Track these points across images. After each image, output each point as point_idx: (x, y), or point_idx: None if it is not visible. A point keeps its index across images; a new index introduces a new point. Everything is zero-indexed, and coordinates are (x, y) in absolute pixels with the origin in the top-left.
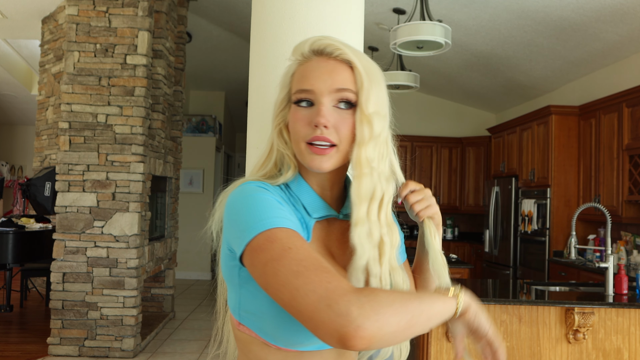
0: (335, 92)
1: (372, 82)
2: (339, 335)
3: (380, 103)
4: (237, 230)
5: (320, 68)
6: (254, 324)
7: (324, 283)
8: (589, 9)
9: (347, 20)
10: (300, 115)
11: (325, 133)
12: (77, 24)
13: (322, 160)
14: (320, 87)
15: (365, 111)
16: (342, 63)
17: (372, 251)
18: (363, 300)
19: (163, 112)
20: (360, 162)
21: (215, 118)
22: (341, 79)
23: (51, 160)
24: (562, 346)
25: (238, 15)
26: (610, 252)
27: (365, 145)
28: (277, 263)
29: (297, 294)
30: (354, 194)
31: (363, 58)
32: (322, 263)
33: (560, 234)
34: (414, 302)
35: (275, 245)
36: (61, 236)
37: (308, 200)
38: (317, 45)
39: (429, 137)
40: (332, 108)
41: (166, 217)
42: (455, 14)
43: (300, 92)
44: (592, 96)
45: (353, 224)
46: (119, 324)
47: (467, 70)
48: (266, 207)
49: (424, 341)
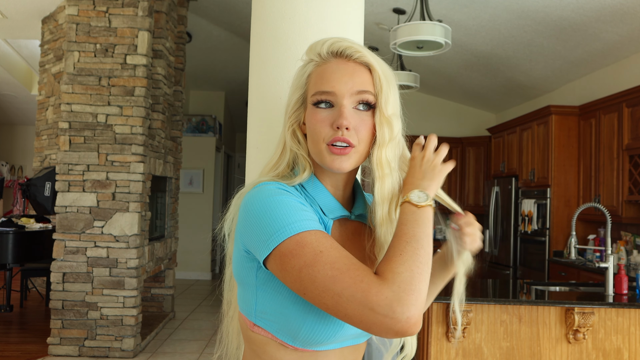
0: (356, 94)
1: (389, 84)
2: (394, 332)
3: (397, 105)
4: (261, 234)
5: (341, 70)
6: (270, 325)
7: (358, 284)
8: (589, 9)
9: (347, 20)
10: (320, 116)
11: (346, 134)
12: (77, 24)
13: (342, 161)
14: (341, 89)
15: (385, 113)
16: (362, 65)
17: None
18: (396, 290)
19: (163, 112)
20: (381, 163)
21: (215, 118)
22: (361, 81)
23: (51, 160)
24: (562, 346)
25: (238, 15)
26: (610, 252)
27: (385, 147)
28: (312, 269)
29: (340, 301)
30: (377, 194)
31: (380, 61)
32: (351, 259)
33: (560, 234)
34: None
35: (307, 250)
36: (61, 236)
37: (324, 200)
38: (336, 46)
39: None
40: (352, 110)
41: (166, 217)
42: (455, 14)
43: (320, 94)
44: (592, 96)
45: (378, 224)
46: (119, 324)
47: (467, 70)
48: (291, 210)
49: (424, 341)
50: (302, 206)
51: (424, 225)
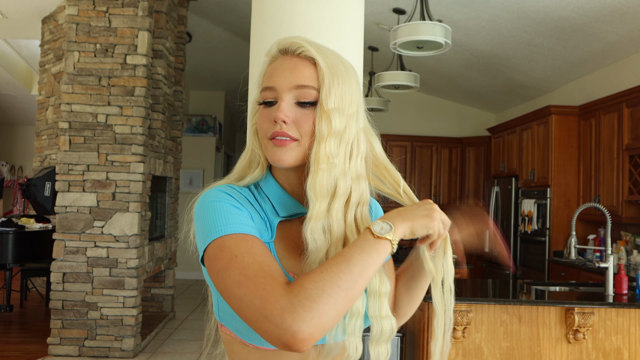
0: (296, 88)
1: (335, 78)
2: (282, 343)
3: (346, 100)
4: (198, 238)
5: (284, 65)
6: (231, 324)
7: (259, 291)
8: (589, 9)
9: (347, 20)
10: (264, 113)
11: (284, 128)
12: (77, 24)
13: (282, 153)
14: (280, 84)
15: (324, 107)
16: (305, 60)
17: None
18: (294, 302)
19: (163, 112)
20: (318, 157)
21: (215, 118)
22: (302, 76)
23: (51, 160)
24: (562, 346)
25: (238, 15)
26: (610, 252)
27: (324, 141)
28: (225, 273)
29: (241, 305)
30: (309, 188)
31: (329, 55)
32: (264, 267)
33: (560, 234)
34: (344, 275)
35: (224, 254)
36: (61, 236)
37: (276, 198)
38: (282, 44)
39: (429, 137)
40: (294, 105)
41: (166, 217)
42: (455, 14)
43: (264, 91)
44: (592, 96)
45: (307, 219)
46: (119, 324)
47: (467, 70)
48: (221, 214)
49: (424, 341)
50: (235, 209)
51: (368, 255)
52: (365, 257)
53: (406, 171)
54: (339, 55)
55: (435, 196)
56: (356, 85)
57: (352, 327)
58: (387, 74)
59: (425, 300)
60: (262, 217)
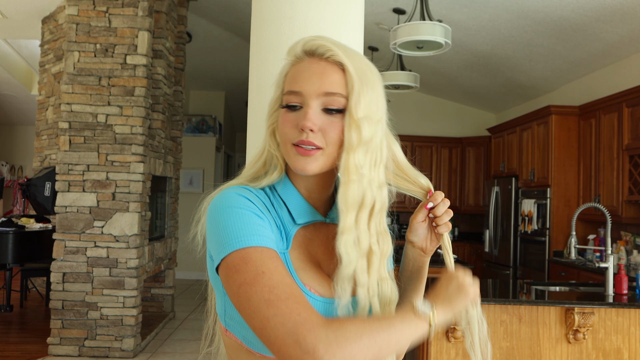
0: (324, 95)
1: (364, 85)
2: None
3: (373, 107)
4: (215, 243)
5: (311, 69)
6: (239, 332)
7: (293, 315)
8: (589, 9)
9: (347, 20)
10: (288, 117)
11: (310, 137)
12: (77, 24)
13: (307, 162)
14: (308, 90)
15: (354, 116)
16: (334, 65)
17: (360, 261)
18: (330, 337)
19: (163, 112)
20: (348, 168)
21: (215, 118)
22: (330, 82)
23: (51, 160)
24: (562, 346)
25: (238, 15)
26: (610, 252)
27: (353, 151)
28: (249, 288)
29: (267, 324)
30: (340, 201)
31: (357, 59)
32: (294, 291)
33: (560, 234)
34: (383, 333)
35: (249, 267)
36: (61, 236)
37: (293, 204)
38: (309, 45)
39: (429, 137)
40: (320, 111)
41: (166, 217)
42: (455, 14)
43: (289, 94)
44: (592, 96)
45: (339, 232)
46: (119, 324)
47: (467, 70)
48: (244, 223)
49: (424, 341)
50: (258, 219)
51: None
52: (405, 328)
53: None
54: (365, 59)
55: None
56: (381, 90)
57: None
58: (387, 74)
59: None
60: (277, 224)
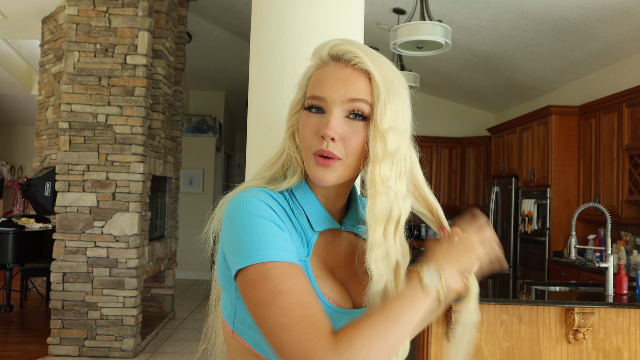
0: (348, 102)
1: (390, 94)
2: None
3: (399, 118)
4: (233, 250)
5: (336, 75)
6: (249, 336)
7: (305, 343)
8: (589, 9)
9: (347, 20)
10: (309, 122)
11: (330, 147)
12: (77, 24)
13: (325, 173)
14: (332, 96)
15: (379, 126)
16: (360, 72)
17: (389, 275)
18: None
19: (163, 112)
20: (374, 181)
21: (215, 118)
22: (355, 89)
23: (51, 160)
24: (562, 346)
25: (238, 15)
26: (610, 252)
27: (379, 163)
28: (266, 308)
29: (283, 349)
30: (368, 214)
31: (384, 68)
32: (310, 311)
33: (560, 234)
34: (392, 331)
35: (267, 285)
36: (61, 236)
37: (312, 211)
38: (335, 50)
39: (429, 137)
40: (343, 119)
41: (166, 217)
42: (455, 14)
43: (312, 99)
44: (592, 96)
45: (369, 247)
46: (119, 324)
47: (467, 70)
48: (265, 234)
49: (424, 341)
50: (279, 230)
51: (416, 311)
52: (413, 312)
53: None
54: (392, 66)
55: (436, 196)
56: (408, 100)
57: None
58: None
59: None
60: (298, 231)
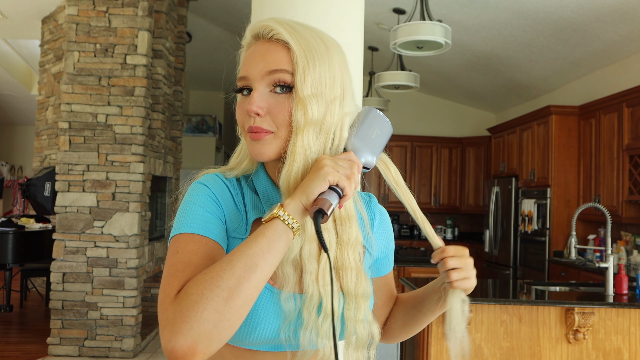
0: (268, 74)
1: (311, 60)
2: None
3: (326, 84)
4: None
5: (255, 52)
6: None
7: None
8: (589, 9)
9: (347, 20)
10: (240, 103)
11: (257, 122)
12: (77, 24)
13: (259, 147)
14: (253, 73)
15: (300, 94)
16: (278, 43)
17: (307, 245)
18: (176, 313)
19: (163, 112)
20: (294, 150)
21: (215, 118)
22: (274, 60)
23: (51, 160)
24: (562, 346)
25: (238, 15)
26: (610, 252)
27: (301, 132)
28: (165, 264)
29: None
30: (281, 182)
31: (306, 35)
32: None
33: (560, 234)
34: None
35: (172, 248)
36: (61, 236)
37: (264, 193)
38: (254, 28)
39: (429, 137)
40: (269, 93)
41: (166, 217)
42: (455, 14)
43: (239, 80)
44: (592, 96)
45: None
46: (119, 324)
47: (467, 70)
48: (189, 212)
49: (424, 341)
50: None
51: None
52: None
53: (406, 171)
54: (321, 33)
55: (436, 196)
56: (341, 65)
57: (326, 330)
58: (387, 74)
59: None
60: (240, 211)
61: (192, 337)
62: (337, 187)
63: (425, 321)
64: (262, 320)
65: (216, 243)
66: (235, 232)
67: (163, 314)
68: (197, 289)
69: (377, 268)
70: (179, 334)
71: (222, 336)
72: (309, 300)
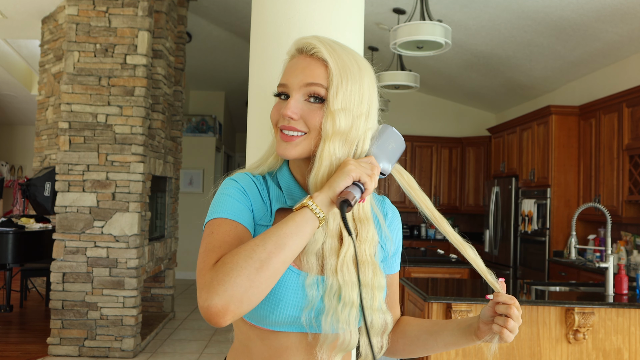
0: (306, 86)
1: (344, 79)
2: (204, 318)
3: (354, 100)
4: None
5: (297, 64)
6: None
7: (200, 264)
8: (589, 9)
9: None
10: (277, 106)
11: (292, 123)
12: (77, 24)
13: (287, 147)
14: (292, 82)
15: (331, 107)
16: (318, 60)
17: (329, 240)
18: (213, 276)
19: (163, 112)
20: (322, 155)
21: (215, 118)
22: (312, 74)
23: (51, 160)
24: (562, 346)
25: (238, 15)
26: (610, 252)
27: (329, 140)
28: (201, 244)
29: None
30: (310, 183)
31: (343, 56)
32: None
33: (560, 234)
34: (258, 248)
35: (208, 230)
36: (61, 236)
37: (287, 188)
38: (299, 43)
39: (429, 137)
40: (303, 102)
41: (166, 217)
42: (455, 14)
43: (279, 87)
44: (592, 96)
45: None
46: (119, 324)
47: (467, 70)
48: (222, 202)
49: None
50: (234, 201)
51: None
52: (281, 227)
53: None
54: (356, 55)
55: (436, 196)
56: (370, 86)
57: (346, 317)
58: (387, 74)
59: (426, 300)
60: (265, 202)
61: (226, 298)
62: (359, 182)
63: (435, 350)
64: (283, 297)
65: (245, 228)
66: (261, 220)
67: (202, 279)
68: (233, 259)
69: (385, 265)
70: (215, 294)
71: (251, 300)
72: (330, 289)
